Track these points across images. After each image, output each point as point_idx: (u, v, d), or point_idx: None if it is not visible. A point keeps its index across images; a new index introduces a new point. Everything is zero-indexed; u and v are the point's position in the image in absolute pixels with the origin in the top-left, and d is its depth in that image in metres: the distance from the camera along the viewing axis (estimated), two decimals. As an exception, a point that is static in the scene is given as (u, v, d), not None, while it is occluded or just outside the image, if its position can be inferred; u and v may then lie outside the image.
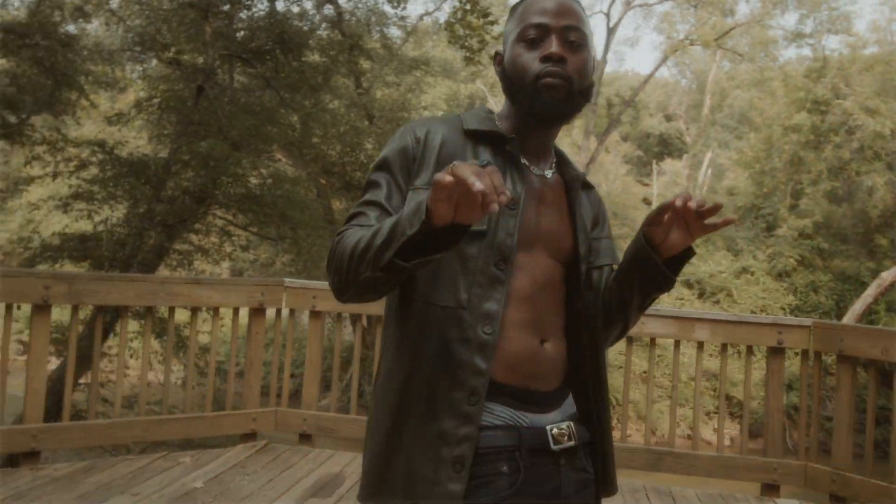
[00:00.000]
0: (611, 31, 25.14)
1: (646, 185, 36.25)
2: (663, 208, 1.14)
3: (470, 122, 1.31)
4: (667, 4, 26.95)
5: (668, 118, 37.18)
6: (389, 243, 1.02)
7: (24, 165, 11.31)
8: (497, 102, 42.14)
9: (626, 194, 31.42)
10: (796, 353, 4.20)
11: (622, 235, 31.07)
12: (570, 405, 1.31)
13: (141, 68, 14.89)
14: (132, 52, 12.95)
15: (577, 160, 26.91)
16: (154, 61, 12.69)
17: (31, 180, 11.11)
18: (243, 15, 12.12)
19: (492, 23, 10.40)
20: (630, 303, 1.29)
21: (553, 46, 1.22)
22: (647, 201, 35.09)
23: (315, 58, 13.08)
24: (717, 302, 18.93)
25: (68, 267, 9.79)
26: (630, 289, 1.27)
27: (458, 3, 10.64)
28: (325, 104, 13.23)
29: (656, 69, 28.55)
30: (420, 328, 1.19)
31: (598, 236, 1.41)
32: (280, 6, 12.76)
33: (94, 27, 15.14)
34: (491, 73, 39.08)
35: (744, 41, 27.35)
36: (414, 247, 1.01)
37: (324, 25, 14.62)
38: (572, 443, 1.23)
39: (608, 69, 31.14)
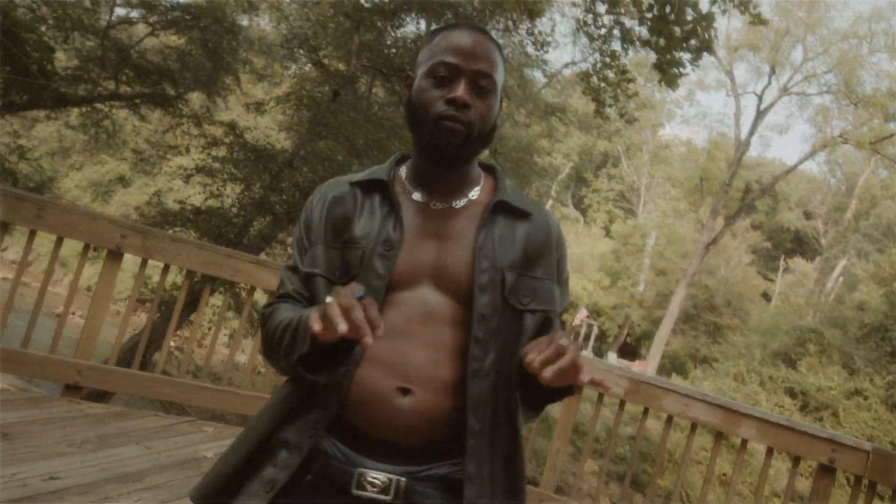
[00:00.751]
0: (760, 114, 24.25)
1: (769, 280, 34.47)
2: (527, 350, 1.07)
3: (357, 175, 1.35)
4: (825, 97, 25.72)
5: (808, 215, 35.29)
6: (292, 350, 1.13)
7: (163, 133, 12.18)
8: (631, 164, 41.56)
9: (744, 284, 29.98)
10: (848, 479, 3.81)
11: (732, 326, 29.63)
12: (442, 467, 1.19)
13: (294, 66, 15.76)
14: (288, 48, 13.72)
15: (699, 238, 25.95)
16: (304, 61, 13.41)
17: (169, 149, 11.95)
18: (394, 32, 12.62)
19: (629, 80, 10.28)
20: (523, 398, 1.25)
21: (459, 91, 1.21)
22: (767, 297, 33.32)
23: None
24: (820, 419, 17.62)
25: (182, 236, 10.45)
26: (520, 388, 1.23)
27: (599, 56, 10.65)
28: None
29: (801, 161, 27.22)
30: None
31: (536, 275, 1.29)
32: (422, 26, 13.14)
33: (261, 22, 16.22)
34: (628, 133, 38.71)
35: (906, 151, 25.62)
36: (313, 359, 1.12)
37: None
38: (386, 497, 1.14)
39: (751, 153, 30.01)
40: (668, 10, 7.56)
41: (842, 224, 30.31)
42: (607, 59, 10.34)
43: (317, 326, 0.98)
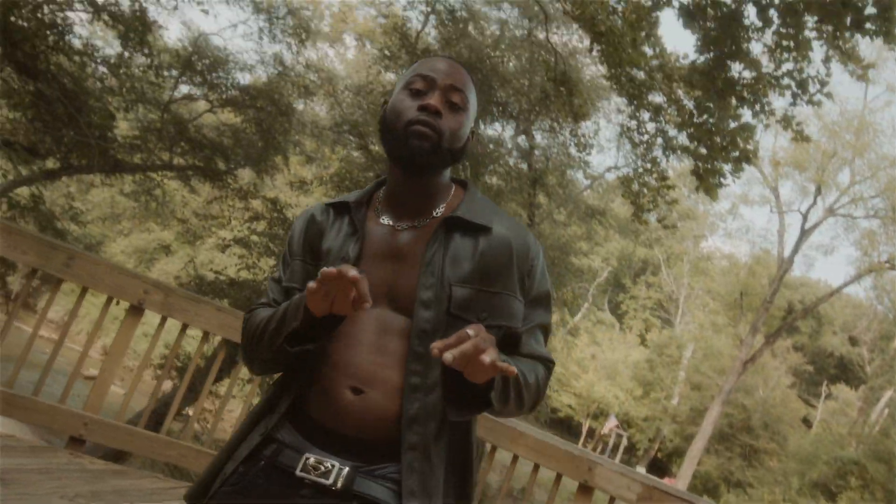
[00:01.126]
0: (804, 233, 24.01)
1: (811, 405, 33.19)
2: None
3: (331, 199, 1.45)
4: (872, 221, 25.40)
5: (853, 341, 34.25)
6: (279, 332, 1.22)
7: (208, 203, 12.54)
8: (670, 274, 41.19)
9: (784, 407, 28.91)
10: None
11: (769, 451, 28.35)
12: (389, 468, 1.20)
13: (343, 150, 16.24)
14: (337, 133, 14.20)
15: (737, 355, 25.28)
16: (353, 145, 13.84)
17: (212, 219, 12.26)
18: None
19: (668, 187, 10.31)
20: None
21: (432, 99, 1.27)
22: (807, 423, 32.00)
23: (493, 180, 13.62)
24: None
25: (213, 302, 10.56)
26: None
27: (640, 162, 10.76)
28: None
29: (846, 284, 26.62)
30: None
31: (493, 290, 1.27)
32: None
33: (315, 107, 16.89)
34: (669, 242, 38.55)
35: (957, 283, 24.97)
36: (299, 332, 1.21)
37: (514, 153, 15.24)
38: (326, 482, 1.17)
39: (794, 272, 29.56)
40: (709, 118, 7.65)
41: (888, 353, 29.30)
42: (648, 165, 10.43)
43: (313, 285, 1.07)
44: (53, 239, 3.81)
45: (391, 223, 1.33)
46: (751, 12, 7.61)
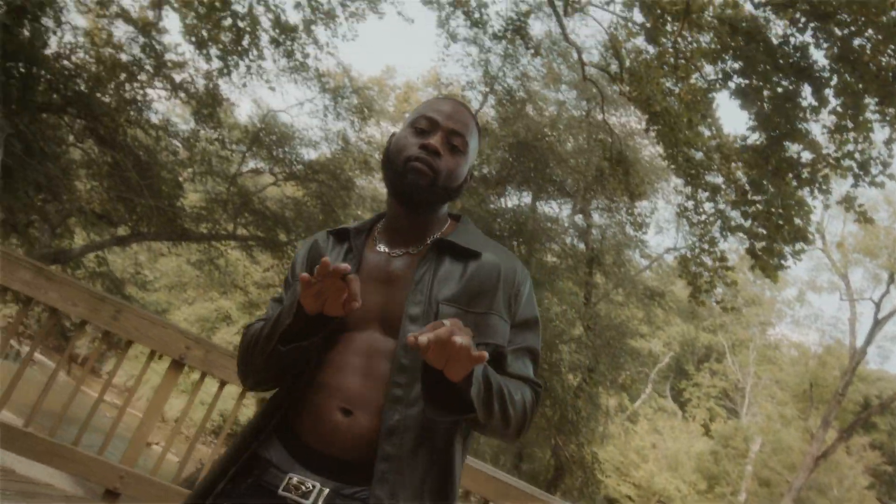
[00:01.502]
0: (878, 323, 22.95)
1: (892, 509, 30.98)
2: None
3: (335, 227, 1.51)
4: (953, 313, 24.07)
5: (936, 441, 32.01)
6: (273, 333, 1.27)
7: (265, 271, 12.85)
8: (736, 362, 39.65)
9: (860, 509, 26.97)
10: None
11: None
12: (373, 491, 1.19)
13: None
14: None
15: (808, 450, 23.92)
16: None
17: (270, 287, 12.54)
18: (497, 202, 13.13)
19: (727, 268, 10.08)
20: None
21: (433, 139, 1.34)
22: (888, 527, 29.83)
23: (548, 258, 13.58)
24: None
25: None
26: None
27: (698, 242, 10.59)
28: (545, 303, 13.49)
29: (927, 380, 25.08)
30: None
31: (479, 310, 1.31)
32: (525, 198, 13.60)
33: (374, 181, 17.34)
34: (734, 329, 37.28)
35: None
36: (291, 336, 1.26)
37: (571, 231, 15.22)
38: (306, 502, 1.19)
39: (869, 365, 28.13)
40: (764, 197, 7.52)
41: (976, 455, 27.18)
42: (706, 246, 10.25)
43: (308, 276, 1.14)
44: (103, 292, 3.96)
45: (387, 250, 1.39)
46: (807, 92, 7.57)
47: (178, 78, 11.75)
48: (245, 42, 11.02)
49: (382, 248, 1.40)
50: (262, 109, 14.52)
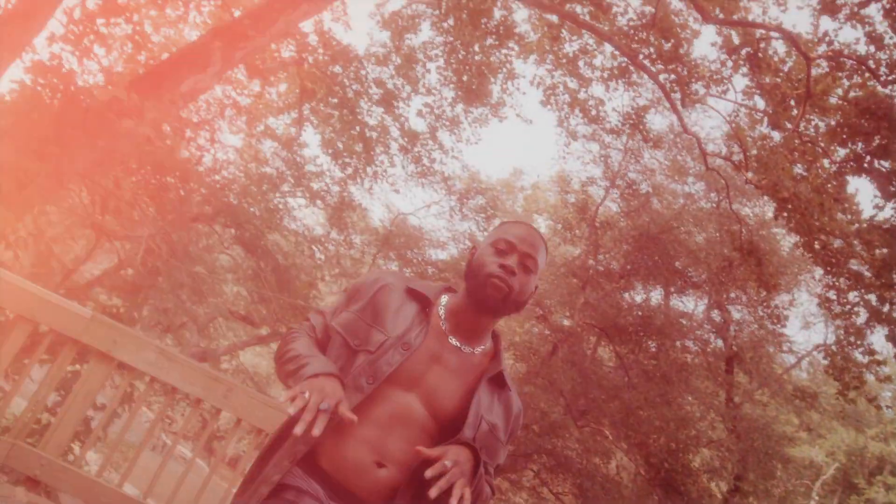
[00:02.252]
0: None
1: None
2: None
3: (415, 283, 1.73)
4: None
5: None
6: (293, 375, 1.56)
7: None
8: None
9: None
10: None
11: None
12: None
13: (528, 323, 16.45)
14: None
15: None
16: (531, 315, 14.02)
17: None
18: (622, 297, 12.86)
19: (879, 363, 9.22)
20: None
21: (511, 261, 1.62)
22: None
23: (682, 355, 12.99)
24: None
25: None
26: None
27: (843, 334, 9.82)
28: (678, 401, 12.81)
29: None
30: None
31: (500, 437, 1.64)
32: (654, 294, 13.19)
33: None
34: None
35: None
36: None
37: (705, 326, 14.57)
38: None
39: None
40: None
41: None
42: (851, 338, 9.46)
43: (288, 394, 1.41)
44: (216, 372, 4.26)
45: (448, 333, 1.66)
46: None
47: (315, 187, 12.71)
48: (376, 150, 11.82)
49: (445, 327, 1.66)
50: (393, 213, 15.29)
